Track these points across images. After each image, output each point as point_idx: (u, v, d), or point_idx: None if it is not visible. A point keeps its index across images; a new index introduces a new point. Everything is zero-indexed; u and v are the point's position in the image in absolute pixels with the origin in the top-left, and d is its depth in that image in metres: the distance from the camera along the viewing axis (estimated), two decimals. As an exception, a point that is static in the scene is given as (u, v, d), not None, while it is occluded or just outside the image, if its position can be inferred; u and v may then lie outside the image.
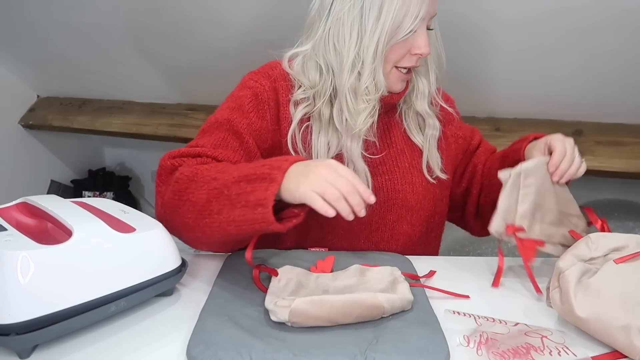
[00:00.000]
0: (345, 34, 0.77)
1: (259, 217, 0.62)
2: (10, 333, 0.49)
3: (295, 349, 0.52)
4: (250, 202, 0.62)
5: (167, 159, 0.76)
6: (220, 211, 0.65)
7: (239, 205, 0.63)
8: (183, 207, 0.69)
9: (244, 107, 0.82)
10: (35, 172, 2.56)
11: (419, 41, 0.78)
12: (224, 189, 0.65)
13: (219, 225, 0.65)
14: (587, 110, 1.62)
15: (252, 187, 0.63)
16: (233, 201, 0.64)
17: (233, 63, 1.80)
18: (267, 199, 0.61)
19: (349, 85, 0.79)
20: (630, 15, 1.22)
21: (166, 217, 0.72)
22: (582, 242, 0.64)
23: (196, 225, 0.68)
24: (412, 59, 0.80)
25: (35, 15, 1.86)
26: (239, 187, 0.64)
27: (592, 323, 0.57)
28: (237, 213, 0.63)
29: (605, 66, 1.42)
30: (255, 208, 0.62)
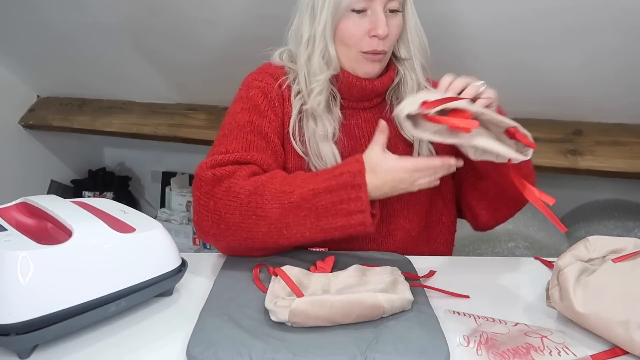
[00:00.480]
0: (303, 20, 0.83)
1: (356, 222, 0.68)
2: (10, 333, 0.49)
3: (295, 349, 0.52)
4: (342, 210, 0.68)
5: (205, 169, 0.74)
6: (301, 222, 0.69)
7: (327, 215, 0.69)
8: (248, 222, 0.70)
9: (260, 106, 0.84)
10: (35, 172, 2.56)
11: (372, 22, 0.78)
12: (302, 201, 0.69)
13: (301, 235, 0.70)
14: (587, 110, 1.62)
15: (339, 196, 0.68)
16: (318, 211, 0.69)
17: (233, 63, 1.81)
18: (364, 205, 0.68)
19: (302, 61, 0.82)
20: (630, 15, 1.23)
21: (220, 232, 0.72)
22: (580, 244, 0.65)
23: (269, 238, 0.71)
24: (372, 42, 0.80)
25: (35, 16, 1.87)
26: (321, 199, 0.69)
27: (592, 319, 0.57)
28: (326, 222, 0.69)
29: (605, 66, 1.42)
30: (352, 215, 0.68)
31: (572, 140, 1.65)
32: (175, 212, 2.59)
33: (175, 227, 2.52)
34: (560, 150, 1.64)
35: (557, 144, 1.65)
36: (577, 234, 1.83)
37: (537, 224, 1.75)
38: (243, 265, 0.73)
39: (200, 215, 0.74)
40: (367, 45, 0.80)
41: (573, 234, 1.84)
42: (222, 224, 0.71)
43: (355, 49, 0.81)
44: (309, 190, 0.69)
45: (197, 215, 0.74)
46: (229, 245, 0.75)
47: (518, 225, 1.71)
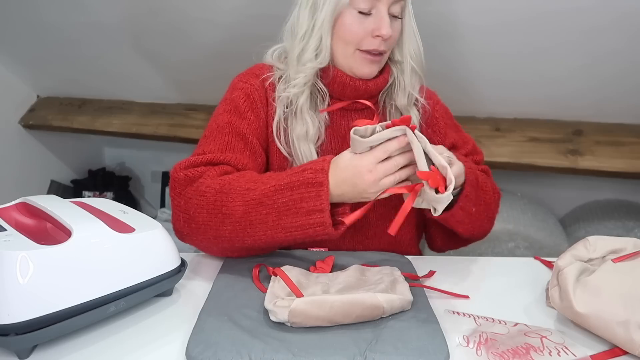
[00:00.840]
0: (300, 15, 0.82)
1: (316, 222, 0.65)
2: (10, 333, 0.49)
3: (295, 349, 0.52)
4: (302, 209, 0.66)
5: (179, 171, 0.76)
6: (263, 220, 0.67)
7: (288, 213, 0.66)
8: (215, 220, 0.70)
9: (240, 108, 0.84)
10: (35, 172, 2.56)
11: (377, 22, 0.79)
12: (264, 198, 0.67)
13: (264, 233, 0.68)
14: (587, 110, 1.62)
15: (300, 194, 0.66)
16: (279, 209, 0.67)
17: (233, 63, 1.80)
18: (324, 204, 0.65)
19: (295, 55, 0.82)
20: (630, 16, 1.22)
21: (192, 232, 0.73)
22: (580, 244, 0.65)
23: (235, 236, 0.69)
24: (374, 42, 0.80)
25: (35, 16, 1.87)
26: (282, 195, 0.66)
27: (592, 318, 0.57)
28: (287, 220, 0.66)
29: (605, 66, 1.42)
30: (311, 214, 0.65)
31: (572, 140, 1.65)
32: (175, 212, 2.59)
33: (175, 227, 2.52)
34: (560, 150, 1.64)
35: (557, 144, 1.65)
36: (577, 234, 1.82)
37: (537, 224, 1.75)
38: (243, 265, 0.73)
39: (174, 216, 0.75)
40: (368, 44, 0.80)
41: (573, 234, 1.84)
42: (192, 223, 0.72)
43: (354, 46, 0.81)
44: (271, 187, 0.68)
45: (172, 216, 0.76)
46: (202, 245, 0.75)
47: (518, 225, 1.71)
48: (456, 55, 1.52)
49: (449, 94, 1.04)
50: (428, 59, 0.89)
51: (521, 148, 1.68)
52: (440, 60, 1.52)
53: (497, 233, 1.68)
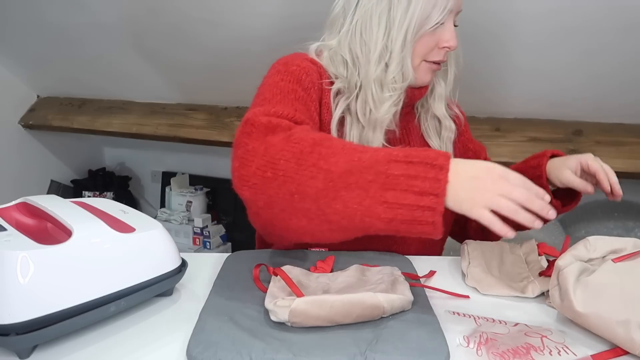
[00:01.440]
0: (374, 26, 0.79)
1: (427, 205, 0.55)
2: (10, 333, 0.49)
3: (295, 349, 0.52)
4: (415, 187, 0.56)
5: (260, 115, 0.66)
6: (365, 187, 0.57)
7: (396, 188, 0.56)
8: (304, 172, 0.59)
9: (303, 82, 0.79)
10: (35, 172, 2.56)
11: (447, 34, 0.79)
12: (375, 164, 0.58)
13: (360, 202, 0.57)
14: (587, 110, 1.62)
15: (416, 171, 0.56)
16: (387, 180, 0.57)
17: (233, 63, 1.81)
18: (441, 189, 0.55)
19: (375, 76, 0.80)
20: (631, 16, 1.22)
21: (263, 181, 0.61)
22: (580, 244, 0.64)
23: (323, 196, 0.58)
24: (441, 53, 0.81)
25: (35, 15, 1.87)
26: (397, 167, 0.57)
27: (592, 318, 0.57)
28: (393, 194, 0.56)
29: (605, 66, 1.42)
30: (423, 195, 0.55)
31: (572, 140, 1.65)
32: (175, 212, 2.59)
33: (175, 227, 2.52)
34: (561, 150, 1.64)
35: (557, 144, 1.65)
36: (577, 234, 1.82)
37: (537, 224, 1.75)
38: (243, 265, 0.73)
39: (243, 161, 0.63)
40: (435, 55, 0.81)
41: (573, 234, 1.84)
42: (268, 171, 0.61)
43: (422, 58, 0.81)
44: (386, 154, 0.58)
45: (240, 161, 0.64)
46: (267, 201, 0.62)
47: (518, 225, 1.71)
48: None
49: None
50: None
51: (521, 148, 1.68)
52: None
53: (497, 233, 1.68)
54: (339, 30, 0.83)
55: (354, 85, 0.82)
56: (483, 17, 1.35)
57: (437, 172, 0.56)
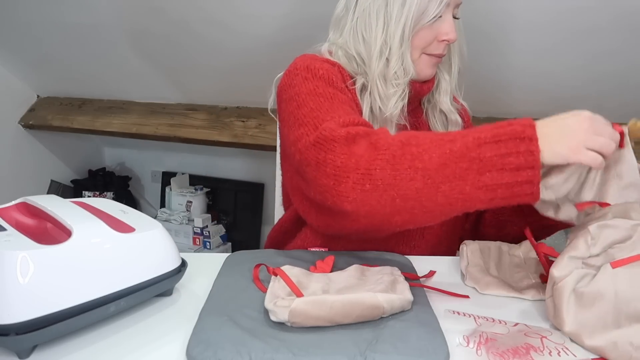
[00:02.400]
0: (372, 23, 0.80)
1: (525, 179, 0.57)
2: (10, 333, 0.49)
3: (295, 349, 0.52)
4: (510, 165, 0.57)
5: (337, 129, 0.66)
6: (462, 176, 0.58)
7: (492, 169, 0.58)
8: (402, 176, 0.60)
9: (337, 84, 0.79)
10: (35, 172, 2.56)
11: (445, 27, 0.79)
12: (466, 150, 0.59)
13: (460, 191, 0.58)
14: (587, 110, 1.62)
15: (507, 149, 0.58)
16: (481, 164, 0.58)
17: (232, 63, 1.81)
18: (536, 160, 0.57)
19: (378, 71, 0.81)
20: (631, 16, 1.23)
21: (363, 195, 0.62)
22: (580, 239, 0.61)
23: (424, 194, 0.60)
24: (440, 46, 0.82)
25: (35, 16, 1.87)
26: (488, 149, 0.58)
27: (581, 338, 0.56)
28: (490, 177, 0.58)
29: (605, 67, 1.42)
30: (520, 170, 0.57)
31: (572, 140, 1.65)
32: (175, 212, 2.59)
33: (175, 227, 2.52)
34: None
35: (557, 144, 1.65)
36: (577, 234, 1.82)
37: (537, 224, 1.75)
38: (243, 265, 0.73)
39: (337, 178, 0.63)
40: (434, 49, 0.82)
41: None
42: (367, 184, 0.61)
43: (421, 51, 0.82)
44: (474, 138, 0.59)
45: (334, 179, 0.63)
46: (370, 210, 0.63)
47: (518, 225, 1.71)
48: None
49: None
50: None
51: (521, 148, 1.68)
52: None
53: (497, 233, 1.68)
54: (343, 28, 0.85)
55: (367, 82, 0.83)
56: (483, 17, 1.35)
57: (527, 145, 0.58)
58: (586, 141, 0.59)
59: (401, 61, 0.80)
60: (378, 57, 0.80)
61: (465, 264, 0.75)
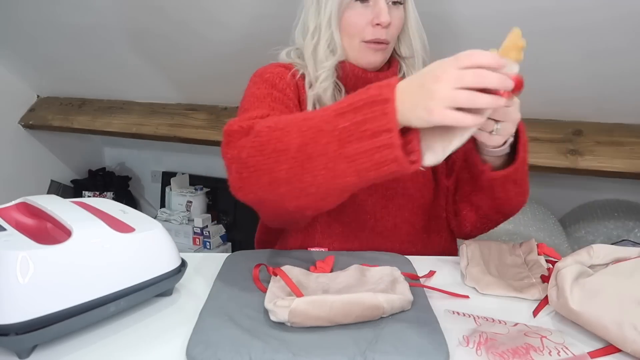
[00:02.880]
0: (309, 9, 0.85)
1: (383, 143, 0.53)
2: (10, 333, 0.49)
3: (295, 349, 0.52)
4: (367, 131, 0.54)
5: (233, 124, 0.69)
6: (323, 151, 0.57)
7: (351, 139, 0.55)
8: (269, 161, 0.61)
9: (278, 85, 0.85)
10: (35, 172, 2.56)
11: (375, 10, 0.80)
12: (323, 124, 0.58)
13: (324, 166, 0.57)
14: (587, 110, 1.62)
15: (363, 115, 0.55)
16: (340, 136, 0.56)
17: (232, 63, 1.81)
18: (390, 121, 0.53)
19: (309, 53, 0.85)
20: (630, 15, 1.22)
21: (245, 183, 0.65)
22: (583, 251, 0.65)
23: (292, 175, 0.60)
24: (375, 31, 0.82)
25: (35, 16, 1.87)
26: (344, 119, 0.56)
27: (586, 316, 0.57)
28: (350, 147, 0.55)
29: (605, 66, 1.42)
30: (377, 135, 0.53)
31: (572, 140, 1.65)
32: (175, 212, 2.59)
33: (175, 227, 2.52)
34: (560, 150, 1.64)
35: (557, 144, 1.65)
36: (577, 234, 1.82)
37: (537, 224, 1.75)
38: (243, 265, 0.73)
39: (228, 170, 0.68)
40: (370, 34, 0.82)
41: (573, 234, 1.84)
42: (244, 171, 0.64)
43: (358, 38, 0.83)
44: (332, 111, 0.58)
45: (227, 171, 0.68)
46: (258, 197, 0.66)
47: (518, 225, 1.71)
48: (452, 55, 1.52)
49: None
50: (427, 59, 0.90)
51: (521, 148, 1.68)
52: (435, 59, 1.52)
53: (497, 233, 1.68)
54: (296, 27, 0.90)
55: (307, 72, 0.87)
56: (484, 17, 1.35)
57: (382, 107, 0.54)
58: (445, 99, 0.51)
59: (328, 42, 0.83)
60: (310, 39, 0.85)
61: (465, 264, 0.75)
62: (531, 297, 0.68)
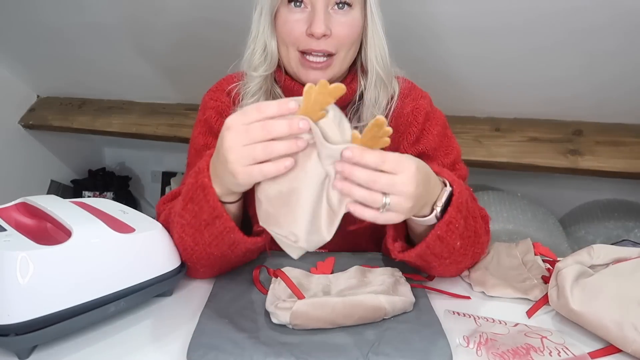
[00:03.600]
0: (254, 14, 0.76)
1: (222, 228, 0.61)
2: (10, 333, 0.49)
3: (297, 351, 0.52)
4: (205, 221, 0.61)
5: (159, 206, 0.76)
6: (196, 242, 0.64)
7: (201, 227, 0.62)
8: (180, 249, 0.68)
9: (214, 128, 0.82)
10: (35, 172, 2.56)
11: (310, 17, 0.69)
12: (181, 219, 0.64)
13: (204, 251, 0.65)
14: (587, 110, 1.62)
15: (199, 205, 0.61)
16: (195, 226, 0.63)
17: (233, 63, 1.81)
18: (216, 209, 0.60)
19: (245, 59, 0.77)
20: (630, 15, 1.22)
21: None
22: (584, 251, 0.65)
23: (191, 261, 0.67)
24: (311, 42, 0.69)
25: (35, 16, 1.86)
26: (189, 212, 0.63)
27: (586, 316, 0.57)
28: (206, 235, 0.63)
29: (605, 66, 1.42)
30: (214, 222, 0.61)
31: (572, 140, 1.65)
32: (175, 212, 2.59)
33: (175, 227, 2.52)
34: (560, 150, 1.64)
35: (557, 144, 1.65)
36: (577, 234, 1.82)
37: (537, 224, 1.75)
38: (243, 266, 0.73)
39: None
40: (304, 44, 0.70)
41: (573, 234, 1.84)
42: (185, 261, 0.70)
43: (294, 47, 0.72)
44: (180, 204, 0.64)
45: None
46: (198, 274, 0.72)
47: (518, 225, 1.71)
48: (456, 56, 1.52)
49: (449, 94, 1.04)
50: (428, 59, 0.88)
51: (521, 148, 1.68)
52: (440, 61, 1.52)
53: (497, 233, 1.68)
54: None
55: None
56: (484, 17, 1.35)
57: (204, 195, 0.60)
58: (241, 158, 0.52)
59: (263, 47, 0.74)
60: (249, 45, 0.76)
61: (467, 273, 0.75)
62: (534, 298, 0.67)
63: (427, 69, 0.87)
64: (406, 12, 1.35)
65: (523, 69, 1.51)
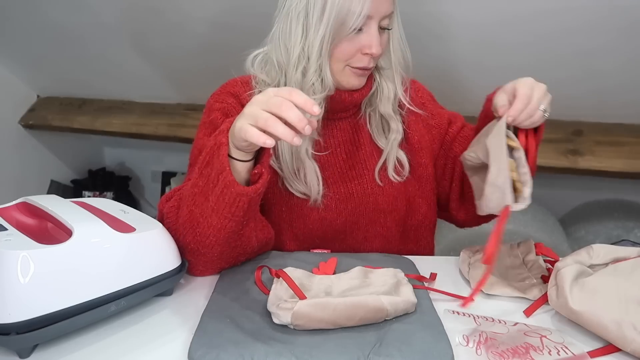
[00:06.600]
0: (292, 30, 0.76)
1: (223, 184, 0.63)
2: (10, 333, 0.49)
3: (298, 351, 0.52)
4: (212, 182, 0.64)
5: (162, 203, 0.77)
6: (202, 213, 0.66)
7: (208, 192, 0.65)
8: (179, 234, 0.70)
9: None
10: (35, 172, 2.56)
11: (367, 40, 0.75)
12: (193, 188, 0.67)
13: (207, 225, 0.67)
14: (587, 110, 1.62)
15: (211, 165, 0.64)
16: (205, 192, 0.66)
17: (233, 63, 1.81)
18: (223, 163, 0.62)
19: (295, 81, 0.78)
20: (630, 15, 1.22)
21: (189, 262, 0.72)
22: (583, 250, 0.65)
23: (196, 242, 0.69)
24: (364, 59, 0.77)
25: (35, 15, 1.86)
26: (203, 178, 0.66)
27: (586, 315, 0.57)
28: (211, 200, 0.65)
29: (605, 66, 1.42)
30: (218, 180, 0.63)
31: (572, 140, 1.65)
32: (175, 212, 2.59)
33: (175, 227, 2.52)
34: (560, 150, 1.64)
35: (557, 144, 1.65)
36: (577, 234, 1.82)
37: (537, 224, 1.75)
38: (245, 266, 0.73)
39: None
40: (358, 62, 0.77)
41: (573, 234, 1.84)
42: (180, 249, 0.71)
43: (344, 63, 0.78)
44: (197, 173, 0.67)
45: None
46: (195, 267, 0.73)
47: (518, 225, 1.71)
48: (456, 55, 1.52)
49: (449, 93, 1.04)
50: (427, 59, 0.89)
51: (521, 148, 1.68)
52: (440, 60, 1.52)
53: (497, 233, 1.68)
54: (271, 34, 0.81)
55: None
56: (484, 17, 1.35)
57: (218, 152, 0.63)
58: (249, 116, 0.60)
59: (318, 73, 0.76)
60: (295, 66, 0.77)
61: (467, 270, 0.75)
62: (533, 297, 0.68)
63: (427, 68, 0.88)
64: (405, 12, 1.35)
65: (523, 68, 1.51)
